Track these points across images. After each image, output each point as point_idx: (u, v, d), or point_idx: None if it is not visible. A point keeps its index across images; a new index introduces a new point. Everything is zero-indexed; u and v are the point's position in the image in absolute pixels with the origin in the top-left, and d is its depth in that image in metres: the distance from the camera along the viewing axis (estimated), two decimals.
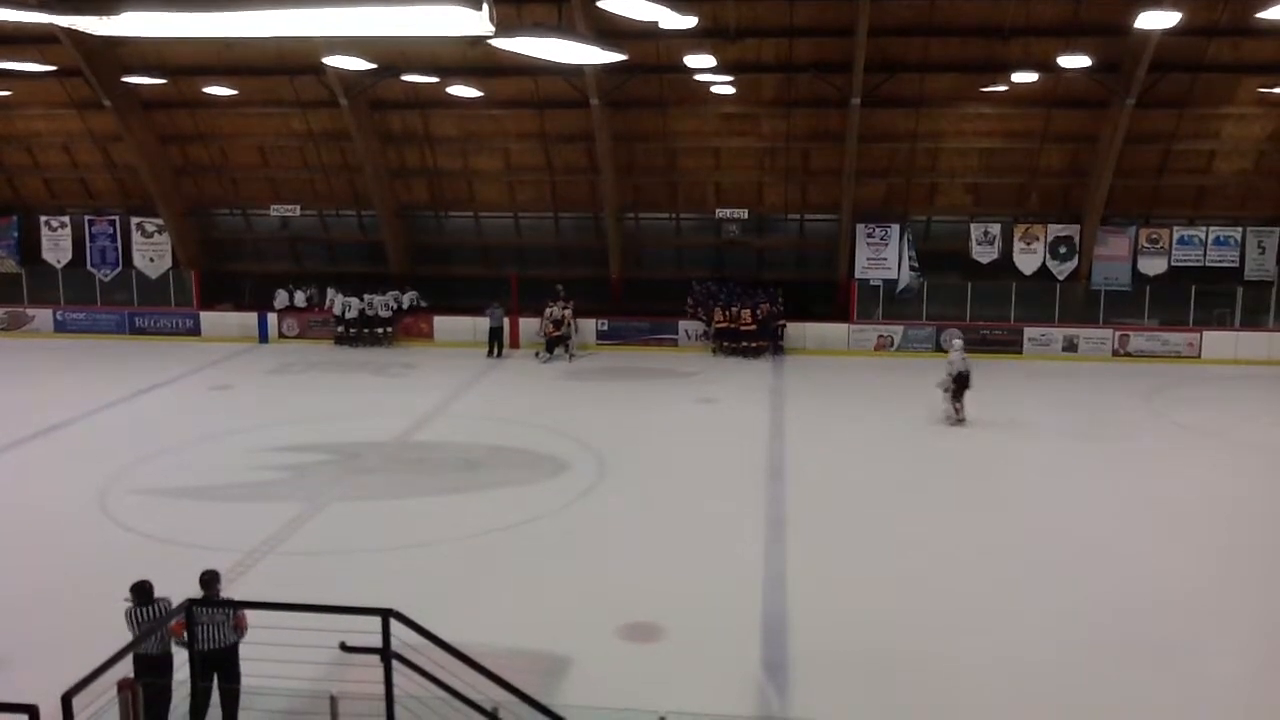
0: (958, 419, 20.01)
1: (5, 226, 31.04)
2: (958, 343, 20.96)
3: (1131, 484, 16.82)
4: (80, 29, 6.45)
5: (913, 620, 11.70)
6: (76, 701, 6.78)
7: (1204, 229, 27.32)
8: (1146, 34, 21.47)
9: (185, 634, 8.76)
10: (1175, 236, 27.33)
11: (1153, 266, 27.41)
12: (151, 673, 8.66)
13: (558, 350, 26.68)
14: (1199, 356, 26.47)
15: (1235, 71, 24.32)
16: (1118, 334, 26.91)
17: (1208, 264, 27.31)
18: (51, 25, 13.97)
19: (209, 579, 9.21)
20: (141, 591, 9.14)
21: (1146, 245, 27.41)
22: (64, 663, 7.72)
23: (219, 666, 8.92)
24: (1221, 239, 27.29)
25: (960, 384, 19.91)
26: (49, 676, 7.50)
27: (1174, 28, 17.66)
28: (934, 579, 12.86)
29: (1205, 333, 26.69)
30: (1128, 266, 27.47)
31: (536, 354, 26.73)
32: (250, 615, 8.90)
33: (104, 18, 6.08)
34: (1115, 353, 26.78)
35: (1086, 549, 13.83)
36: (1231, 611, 12.11)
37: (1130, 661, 10.76)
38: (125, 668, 8.04)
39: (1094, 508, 15.57)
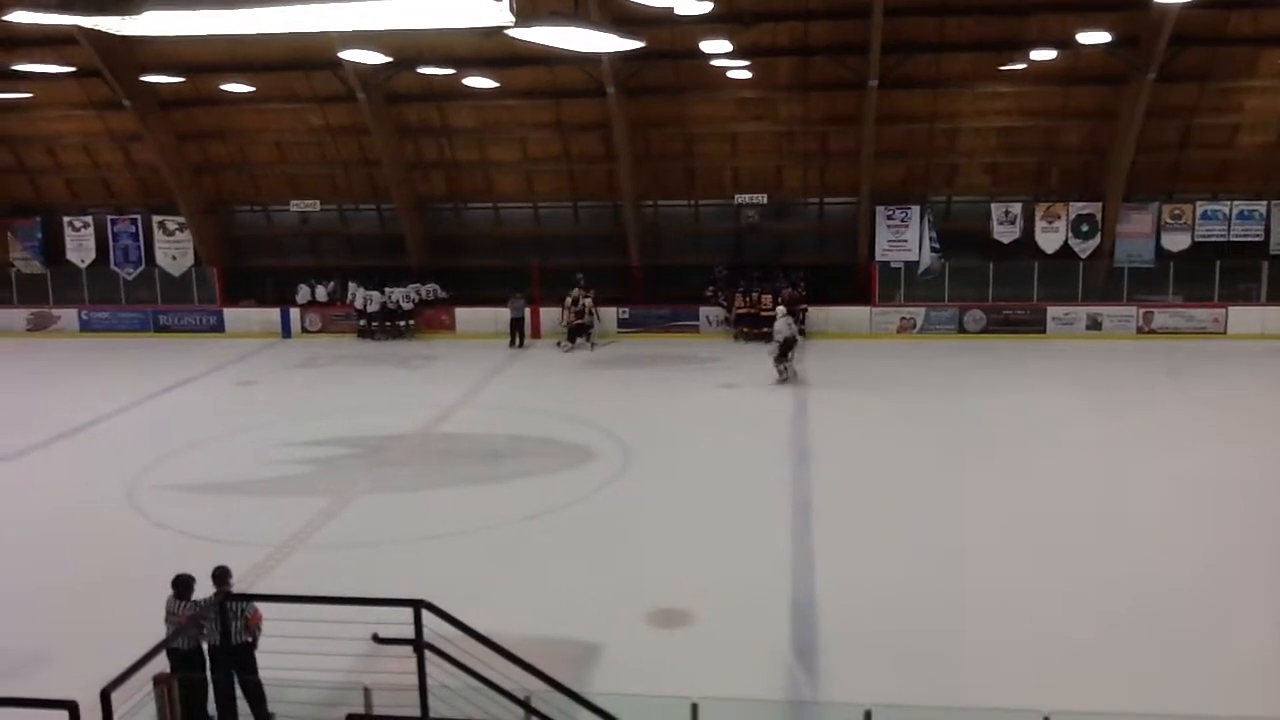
0: (783, 379, 22.06)
1: (29, 228, 31.31)
2: (781, 308, 23.35)
3: (1159, 461, 16.70)
4: (102, 29, 6.47)
5: (942, 601, 11.68)
6: (115, 696, 6.85)
7: (1228, 203, 27.05)
8: (1166, 7, 21.22)
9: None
10: (1198, 211, 27.08)
11: (1176, 242, 27.19)
12: (185, 667, 8.75)
13: (579, 339, 26.73)
14: (1225, 332, 26.25)
15: (1256, 44, 24.03)
16: (1142, 311, 26.69)
17: (1232, 239, 27.05)
18: (70, 26, 14.07)
19: (220, 575, 9.32)
20: (179, 584, 9.27)
21: (1169, 221, 27.16)
22: (99, 658, 7.82)
23: (235, 663, 8.99)
24: (1246, 213, 27.02)
25: (786, 346, 22.12)
26: (85, 671, 7.61)
27: (1194, 0, 17.46)
28: (962, 559, 12.83)
29: (1231, 308, 26.45)
30: (1151, 243, 27.25)
31: (558, 343, 26.78)
32: (283, 608, 8.93)
33: (126, 18, 6.10)
34: (1140, 330, 26.59)
35: (1115, 527, 13.76)
36: (1264, 587, 12.02)
37: (1164, 640, 10.71)
38: (161, 662, 8.13)
39: (1121, 485, 15.48)
